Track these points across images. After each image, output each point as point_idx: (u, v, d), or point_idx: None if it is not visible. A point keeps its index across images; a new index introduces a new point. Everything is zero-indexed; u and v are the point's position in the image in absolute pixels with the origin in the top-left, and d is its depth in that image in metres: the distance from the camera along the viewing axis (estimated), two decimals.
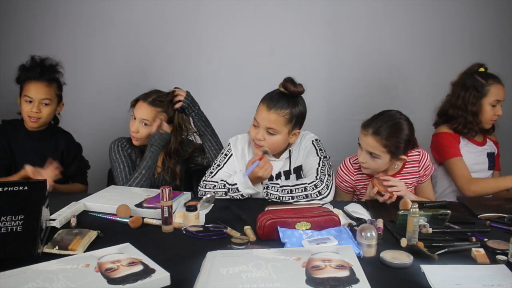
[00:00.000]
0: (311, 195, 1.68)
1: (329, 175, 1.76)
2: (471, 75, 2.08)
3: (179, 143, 2.06)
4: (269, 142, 1.75)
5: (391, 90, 2.62)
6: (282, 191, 1.70)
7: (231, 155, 1.87)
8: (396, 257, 1.18)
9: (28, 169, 1.79)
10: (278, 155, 1.86)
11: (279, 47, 2.60)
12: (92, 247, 1.26)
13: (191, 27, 2.61)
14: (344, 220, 1.46)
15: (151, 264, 1.10)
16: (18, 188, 1.30)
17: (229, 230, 1.39)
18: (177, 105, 2.01)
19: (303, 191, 1.69)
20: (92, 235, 1.33)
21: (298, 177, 1.85)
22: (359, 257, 1.14)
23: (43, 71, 1.98)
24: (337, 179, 1.93)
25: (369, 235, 1.21)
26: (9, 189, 1.29)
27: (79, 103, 2.66)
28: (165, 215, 1.40)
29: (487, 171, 2.17)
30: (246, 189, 1.70)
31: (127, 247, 1.21)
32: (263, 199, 1.73)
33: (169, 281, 1.05)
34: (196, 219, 1.44)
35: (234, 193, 1.72)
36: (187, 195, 1.76)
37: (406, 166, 1.88)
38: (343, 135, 2.53)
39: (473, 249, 1.23)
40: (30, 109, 1.97)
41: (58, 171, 1.86)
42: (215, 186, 1.76)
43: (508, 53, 2.50)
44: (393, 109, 1.82)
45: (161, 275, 1.05)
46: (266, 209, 1.45)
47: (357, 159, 1.87)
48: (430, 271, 1.11)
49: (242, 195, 1.72)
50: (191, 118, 2.07)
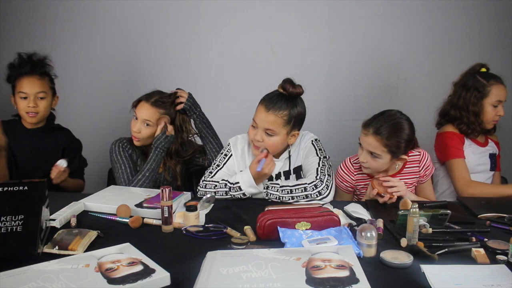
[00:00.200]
0: (311, 195, 1.68)
1: (329, 175, 1.75)
2: (472, 75, 2.07)
3: (180, 144, 2.06)
4: (268, 143, 1.75)
5: (391, 90, 2.62)
6: (282, 191, 1.69)
7: (231, 155, 1.87)
8: (396, 257, 1.18)
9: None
10: (277, 156, 1.85)
11: (279, 47, 2.60)
12: (92, 247, 1.27)
13: (192, 27, 2.61)
14: (344, 220, 1.46)
15: (151, 264, 1.10)
16: (18, 188, 1.30)
17: (229, 230, 1.39)
18: (179, 107, 2.01)
19: (303, 191, 1.69)
20: (92, 235, 1.33)
21: (298, 177, 1.85)
22: (359, 257, 1.14)
23: (34, 65, 1.99)
24: (337, 178, 1.92)
25: (369, 235, 1.21)
26: (9, 189, 1.29)
27: (79, 104, 2.67)
28: (165, 215, 1.40)
29: (489, 172, 2.17)
30: (249, 188, 1.70)
31: (127, 247, 1.21)
32: (263, 199, 1.73)
33: (169, 281, 1.05)
34: (196, 219, 1.44)
35: (236, 192, 1.71)
36: (187, 195, 1.76)
37: (406, 166, 1.88)
38: (343, 135, 2.53)
39: (473, 249, 1.23)
40: (26, 105, 1.97)
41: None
42: (216, 185, 1.75)
43: (508, 53, 2.50)
44: (393, 109, 1.82)
45: (161, 275, 1.05)
46: (266, 209, 1.45)
47: (357, 159, 1.87)
48: (430, 271, 1.11)
49: (243, 194, 1.71)
50: (192, 119, 2.07)
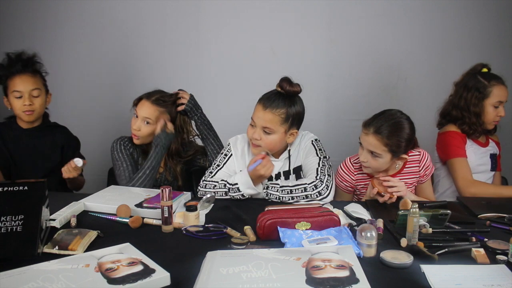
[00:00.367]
0: (311, 196, 1.68)
1: (329, 175, 1.75)
2: (473, 76, 2.06)
3: (180, 144, 2.06)
4: (266, 141, 1.75)
5: (391, 90, 2.62)
6: (282, 191, 1.69)
7: (231, 155, 1.87)
8: (396, 257, 1.18)
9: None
10: (277, 155, 1.86)
11: (279, 47, 2.60)
12: (92, 247, 1.27)
13: (192, 27, 2.61)
14: (344, 220, 1.46)
15: (151, 264, 1.10)
16: (18, 188, 1.30)
17: (229, 230, 1.39)
18: (180, 108, 2.01)
19: (303, 191, 1.68)
20: (92, 235, 1.33)
21: (297, 177, 1.84)
22: (359, 257, 1.14)
23: (24, 64, 1.97)
24: (337, 178, 1.92)
25: (369, 235, 1.21)
26: (9, 189, 1.29)
27: (79, 104, 2.67)
28: (165, 215, 1.40)
29: (490, 172, 2.17)
30: (247, 189, 1.70)
31: (127, 247, 1.21)
32: (263, 199, 1.73)
33: (169, 281, 1.05)
34: (196, 219, 1.44)
35: (234, 193, 1.72)
36: (187, 195, 1.75)
37: (406, 166, 1.88)
38: (343, 135, 2.53)
39: (473, 249, 1.23)
40: (22, 104, 1.95)
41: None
42: (215, 186, 1.76)
43: (508, 53, 2.50)
44: (393, 109, 1.82)
45: (161, 275, 1.05)
46: (266, 209, 1.45)
47: (357, 158, 1.87)
48: (430, 271, 1.11)
49: (242, 195, 1.71)
50: (193, 121, 2.06)
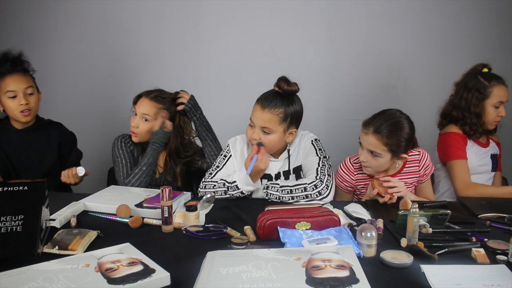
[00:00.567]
0: (311, 195, 1.68)
1: (329, 175, 1.75)
2: (474, 76, 2.06)
3: (180, 144, 2.05)
4: (265, 141, 1.75)
5: (391, 90, 2.62)
6: (282, 191, 1.69)
7: (230, 156, 1.87)
8: (396, 257, 1.18)
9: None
10: (277, 155, 1.86)
11: (279, 47, 2.60)
12: (92, 247, 1.27)
13: (191, 27, 2.61)
14: (344, 220, 1.46)
15: (151, 264, 1.10)
16: (18, 188, 1.30)
17: (229, 230, 1.39)
18: (179, 107, 2.01)
19: (303, 191, 1.68)
20: (92, 235, 1.33)
21: (297, 177, 1.84)
22: (359, 257, 1.14)
23: (13, 63, 1.92)
24: (337, 178, 1.92)
25: (369, 235, 1.21)
26: (9, 189, 1.29)
27: (79, 104, 2.67)
28: (165, 215, 1.40)
29: (490, 173, 2.16)
30: (246, 186, 1.70)
31: (127, 247, 1.21)
32: (263, 199, 1.73)
33: (169, 281, 1.05)
34: (196, 219, 1.44)
35: (233, 191, 1.72)
36: (187, 195, 1.76)
37: (406, 165, 1.88)
38: (343, 135, 2.53)
39: (473, 249, 1.23)
40: (18, 103, 1.91)
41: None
42: (215, 186, 1.76)
43: (508, 53, 2.50)
44: (393, 108, 1.82)
45: (161, 275, 1.05)
46: (266, 209, 1.45)
47: (357, 158, 1.87)
48: (430, 271, 1.11)
49: (242, 193, 1.72)
50: (192, 122, 2.06)
